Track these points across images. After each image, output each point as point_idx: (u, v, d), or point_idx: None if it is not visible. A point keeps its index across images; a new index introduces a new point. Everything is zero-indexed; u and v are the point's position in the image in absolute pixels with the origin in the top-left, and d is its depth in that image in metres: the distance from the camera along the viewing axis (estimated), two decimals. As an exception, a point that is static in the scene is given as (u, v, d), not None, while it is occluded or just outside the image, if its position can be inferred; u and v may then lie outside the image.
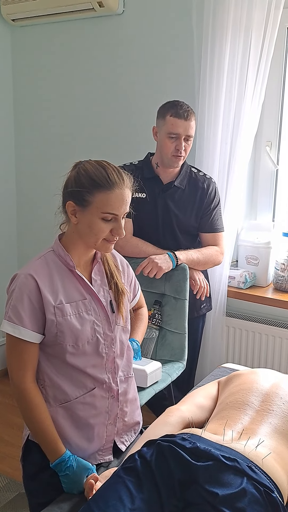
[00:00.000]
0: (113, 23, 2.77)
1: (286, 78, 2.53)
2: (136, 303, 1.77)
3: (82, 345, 1.44)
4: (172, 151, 2.18)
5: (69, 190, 1.42)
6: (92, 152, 2.63)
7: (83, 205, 1.40)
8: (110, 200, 1.38)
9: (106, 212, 1.39)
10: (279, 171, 2.66)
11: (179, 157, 2.20)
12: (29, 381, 1.42)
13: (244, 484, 1.21)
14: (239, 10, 2.27)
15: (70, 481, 1.42)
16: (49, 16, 2.85)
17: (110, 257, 1.58)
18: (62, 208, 1.46)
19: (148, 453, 1.30)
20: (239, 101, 2.38)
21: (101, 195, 1.38)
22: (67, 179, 1.44)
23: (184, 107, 2.16)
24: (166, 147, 2.19)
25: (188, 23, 2.46)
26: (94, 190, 1.38)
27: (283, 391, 1.53)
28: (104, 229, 1.41)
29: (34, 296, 1.39)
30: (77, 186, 1.39)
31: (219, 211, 2.34)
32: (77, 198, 1.40)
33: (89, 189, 1.38)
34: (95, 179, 1.38)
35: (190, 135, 2.18)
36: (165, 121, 2.17)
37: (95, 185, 1.38)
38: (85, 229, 1.42)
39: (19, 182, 3.36)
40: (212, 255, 2.31)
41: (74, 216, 1.42)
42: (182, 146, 2.17)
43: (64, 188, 1.45)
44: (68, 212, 1.43)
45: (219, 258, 2.35)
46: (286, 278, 2.54)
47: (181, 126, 2.14)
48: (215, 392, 1.72)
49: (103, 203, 1.38)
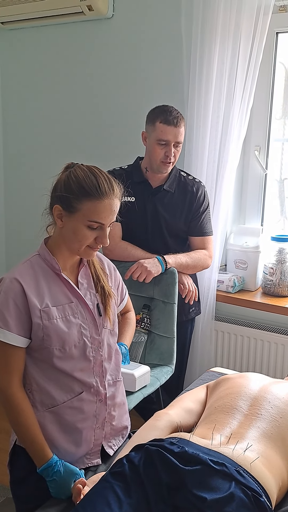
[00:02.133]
0: (103, 27, 2.77)
1: (275, 83, 2.55)
2: (124, 307, 1.76)
3: (69, 349, 1.43)
4: (162, 157, 2.18)
5: (57, 194, 1.41)
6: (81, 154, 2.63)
7: (70, 211, 1.39)
8: (98, 209, 1.38)
9: (92, 221, 1.39)
10: (267, 175, 2.68)
11: (168, 163, 2.20)
12: (15, 385, 1.41)
13: (232, 489, 1.20)
14: (228, 15, 2.29)
15: (57, 486, 1.41)
16: (38, 19, 2.85)
17: (96, 260, 1.58)
18: (49, 210, 1.46)
19: (136, 457, 1.30)
20: (228, 105, 2.39)
21: (89, 204, 1.37)
22: (57, 182, 1.43)
23: (173, 113, 2.15)
24: (156, 153, 2.18)
25: (177, 27, 2.46)
26: (83, 198, 1.37)
27: (272, 395, 1.53)
28: (89, 237, 1.41)
29: (19, 300, 1.39)
30: (66, 191, 1.39)
31: (208, 214, 2.35)
32: (65, 203, 1.39)
33: (78, 196, 1.37)
34: (85, 186, 1.37)
35: (179, 142, 2.19)
36: (154, 127, 2.16)
37: (84, 193, 1.37)
38: (69, 234, 1.42)
39: (7, 184, 3.34)
40: (200, 259, 2.31)
41: (60, 220, 1.42)
42: (172, 152, 2.17)
43: (53, 191, 1.44)
44: (54, 215, 1.43)
45: (208, 262, 2.35)
46: (275, 282, 2.55)
47: (171, 133, 2.14)
48: (203, 396, 1.72)
49: (91, 212, 1.38)
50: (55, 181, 1.44)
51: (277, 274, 2.54)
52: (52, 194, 1.44)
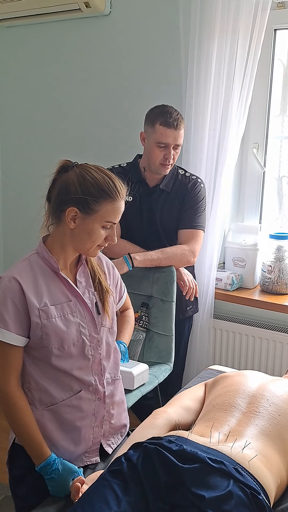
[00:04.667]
0: (100, 24, 2.76)
1: (273, 80, 2.54)
2: (123, 305, 1.76)
3: (67, 348, 1.43)
4: (161, 159, 2.17)
5: (72, 196, 1.39)
6: (78, 151, 2.63)
7: (88, 213, 1.40)
8: (115, 210, 1.42)
9: (108, 221, 1.42)
10: (266, 173, 2.68)
11: (168, 165, 2.19)
12: (13, 384, 1.41)
13: (230, 487, 1.21)
14: (226, 12, 2.28)
15: (56, 484, 1.41)
16: (35, 16, 2.84)
17: (94, 258, 1.58)
18: (57, 210, 1.43)
19: (135, 455, 1.30)
20: (226, 103, 2.38)
21: (108, 205, 1.40)
22: (67, 184, 1.40)
23: (173, 115, 2.13)
24: (155, 155, 2.17)
25: (175, 24, 2.46)
26: (102, 200, 1.40)
27: (270, 393, 1.53)
28: (101, 236, 1.44)
29: (18, 299, 1.38)
30: (84, 193, 1.39)
31: (201, 209, 2.28)
32: (82, 205, 1.39)
33: (97, 198, 1.39)
34: (105, 189, 1.40)
35: (179, 144, 2.17)
36: (154, 129, 2.14)
37: (103, 195, 1.40)
38: (82, 235, 1.42)
39: (4, 183, 3.33)
40: (176, 254, 2.21)
41: (73, 221, 1.41)
42: (171, 155, 2.16)
43: (64, 193, 1.40)
44: (67, 217, 1.40)
45: (187, 258, 2.23)
46: (273, 280, 2.55)
47: (171, 136, 2.13)
48: (202, 394, 1.72)
49: (108, 213, 1.41)
50: (62, 183, 1.41)
51: (275, 272, 2.54)
52: (63, 196, 1.41)
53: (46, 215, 1.48)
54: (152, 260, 2.20)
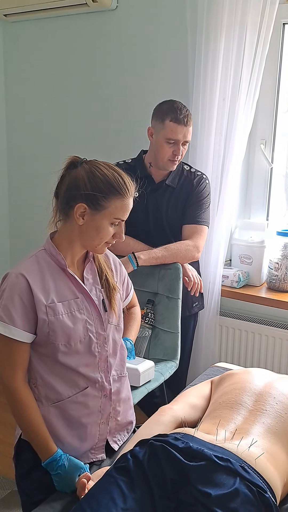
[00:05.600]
0: (106, 19, 2.75)
1: (281, 76, 2.52)
2: (129, 302, 1.76)
3: (74, 344, 1.43)
4: (169, 156, 2.16)
5: (82, 192, 1.39)
6: (84, 146, 2.62)
7: (97, 209, 1.40)
8: (124, 207, 1.42)
9: (117, 218, 1.42)
10: (273, 169, 2.66)
11: (176, 161, 2.18)
12: (19, 380, 1.41)
13: (237, 485, 1.20)
14: (233, 6, 2.26)
15: (62, 480, 1.41)
16: (42, 11, 2.83)
17: (101, 255, 1.57)
18: (65, 207, 1.42)
19: (141, 452, 1.29)
20: (233, 98, 2.37)
21: (117, 202, 1.40)
22: (76, 180, 1.40)
23: (183, 112, 2.12)
24: (163, 151, 2.16)
25: (182, 19, 2.44)
26: (112, 196, 1.40)
27: (277, 390, 1.53)
28: (110, 233, 1.44)
29: (25, 295, 1.38)
30: (94, 190, 1.38)
31: (205, 205, 2.27)
32: (92, 201, 1.39)
33: (107, 194, 1.39)
34: (115, 186, 1.40)
35: (187, 141, 2.17)
36: (163, 125, 2.13)
37: (113, 192, 1.40)
38: (90, 232, 1.42)
39: (11, 178, 3.33)
40: (180, 250, 2.20)
41: (82, 218, 1.41)
42: (180, 151, 2.15)
43: (73, 189, 1.40)
44: (75, 213, 1.40)
45: (192, 253, 2.22)
46: (280, 277, 2.54)
47: (181, 132, 2.12)
48: (208, 391, 1.71)
49: (117, 210, 1.41)
50: (71, 179, 1.40)
51: (282, 269, 2.52)
52: (72, 191, 1.40)
53: (54, 211, 1.47)
54: (157, 258, 2.19)
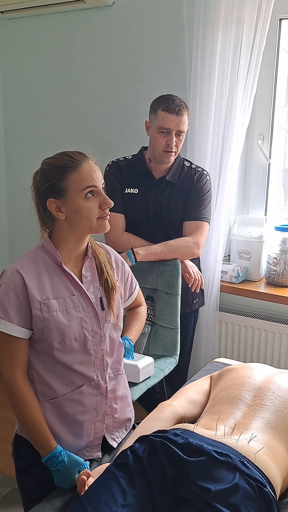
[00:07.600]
0: (103, 15, 2.74)
1: (278, 71, 2.52)
2: (135, 301, 1.74)
3: (69, 342, 1.43)
4: (163, 146, 2.16)
5: (41, 190, 1.42)
6: (81, 143, 2.61)
7: (62, 194, 1.40)
8: (82, 175, 1.39)
9: (84, 188, 1.39)
10: (271, 165, 2.65)
11: (170, 152, 2.17)
12: (19, 376, 1.41)
13: (236, 480, 1.20)
14: (230, 1, 2.25)
15: (62, 476, 1.41)
16: (38, 8, 2.82)
17: (102, 252, 1.56)
18: (42, 212, 1.45)
19: (140, 449, 1.29)
20: (231, 94, 2.36)
21: (73, 176, 1.39)
22: (36, 185, 1.45)
23: (176, 102, 2.13)
24: (157, 142, 2.17)
25: (179, 14, 2.43)
26: (65, 175, 1.39)
27: (276, 385, 1.53)
28: (92, 208, 1.41)
29: (20, 291, 1.38)
30: (48, 181, 1.40)
31: (206, 201, 2.27)
32: (54, 191, 1.40)
33: (60, 175, 1.39)
34: (61, 165, 1.40)
35: (181, 131, 2.16)
36: (156, 116, 2.15)
37: (63, 170, 1.39)
38: (75, 217, 1.41)
39: (9, 175, 3.33)
40: (180, 246, 2.20)
41: (59, 211, 1.41)
42: (173, 141, 2.15)
43: (36, 193, 1.45)
44: (52, 211, 1.42)
45: (192, 250, 2.22)
46: (278, 272, 2.54)
47: (172, 121, 2.12)
48: (207, 387, 1.71)
49: (78, 182, 1.39)
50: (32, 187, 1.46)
51: (280, 264, 2.53)
52: (36, 197, 1.45)
53: (39, 223, 1.49)
54: (155, 253, 2.19)
